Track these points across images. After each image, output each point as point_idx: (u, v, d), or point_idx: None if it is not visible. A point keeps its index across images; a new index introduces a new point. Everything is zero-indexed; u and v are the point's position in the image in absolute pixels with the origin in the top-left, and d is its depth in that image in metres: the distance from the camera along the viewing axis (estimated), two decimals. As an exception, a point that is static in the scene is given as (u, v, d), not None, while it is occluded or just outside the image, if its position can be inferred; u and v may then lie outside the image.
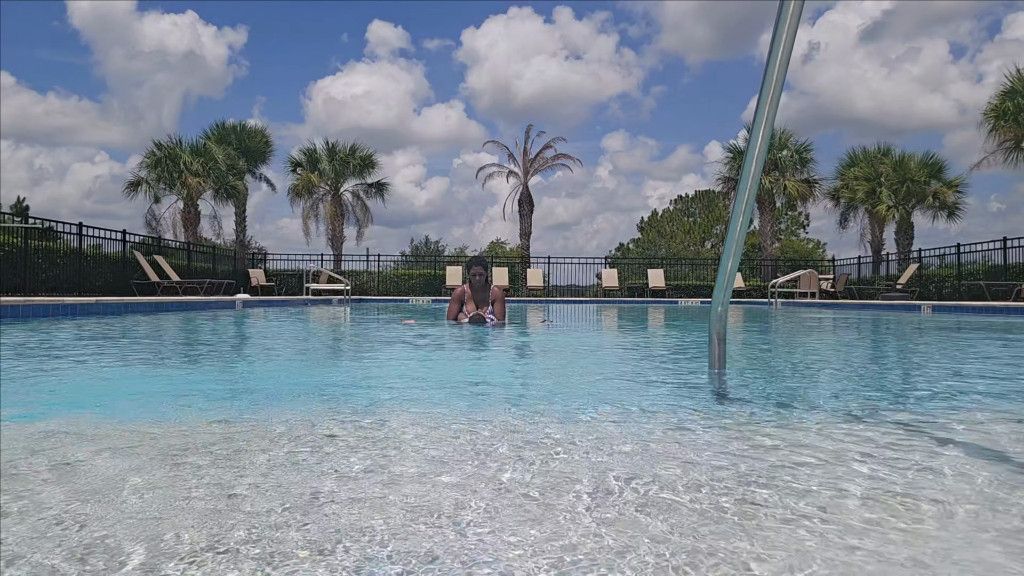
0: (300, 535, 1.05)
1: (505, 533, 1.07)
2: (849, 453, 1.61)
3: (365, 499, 1.23)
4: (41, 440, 1.68)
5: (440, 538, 1.05)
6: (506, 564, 0.96)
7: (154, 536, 1.04)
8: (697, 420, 2.02)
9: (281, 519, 1.12)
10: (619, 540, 1.05)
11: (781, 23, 2.48)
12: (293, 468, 1.44)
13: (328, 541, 1.03)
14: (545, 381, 3.14)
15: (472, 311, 6.94)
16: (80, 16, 52.50)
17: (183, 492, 1.26)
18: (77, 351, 4.19)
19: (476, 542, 1.03)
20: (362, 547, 1.01)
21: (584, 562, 0.97)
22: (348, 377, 3.18)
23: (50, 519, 1.11)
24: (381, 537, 1.04)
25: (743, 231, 2.77)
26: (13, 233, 13.48)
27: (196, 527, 1.08)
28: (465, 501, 1.22)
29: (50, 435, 1.74)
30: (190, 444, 1.64)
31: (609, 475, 1.40)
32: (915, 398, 2.59)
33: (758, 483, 1.35)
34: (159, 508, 1.17)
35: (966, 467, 1.50)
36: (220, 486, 1.30)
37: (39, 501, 1.20)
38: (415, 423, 1.93)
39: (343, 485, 1.31)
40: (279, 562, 0.95)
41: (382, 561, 0.96)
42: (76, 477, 1.36)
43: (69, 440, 1.69)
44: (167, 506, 1.18)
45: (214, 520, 1.11)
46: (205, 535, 1.04)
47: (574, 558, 0.98)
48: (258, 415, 2.10)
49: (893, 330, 7.36)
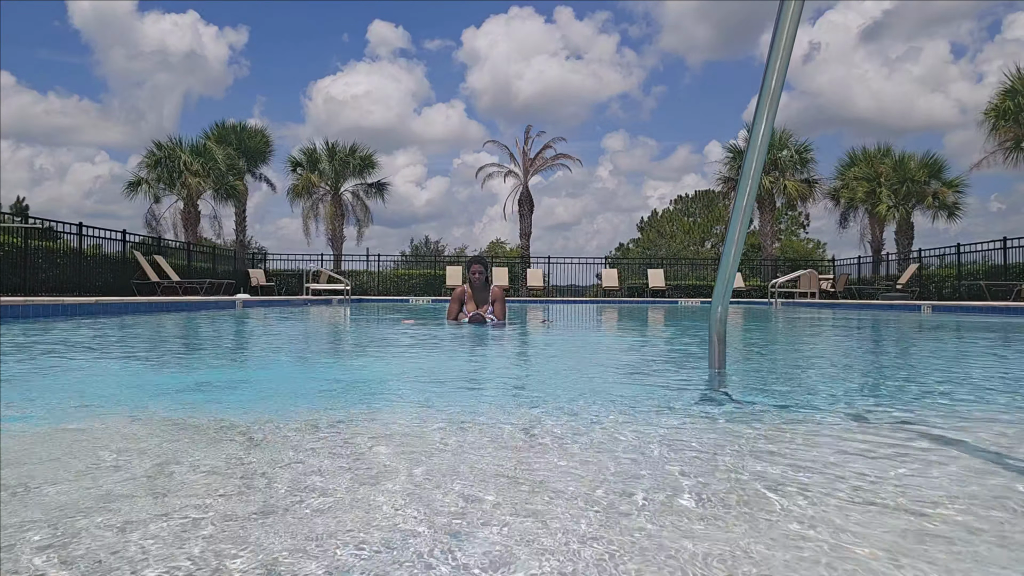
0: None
1: (504, 527, 1.07)
2: (849, 453, 1.61)
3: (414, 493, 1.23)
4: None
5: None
6: (502, 558, 0.96)
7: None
8: (697, 420, 2.01)
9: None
10: (619, 539, 1.05)
11: (781, 23, 2.48)
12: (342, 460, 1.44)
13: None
14: (545, 381, 3.13)
15: (472, 311, 6.94)
16: (81, 16, 52.58)
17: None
18: (101, 352, 4.19)
19: (477, 535, 1.03)
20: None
21: (585, 561, 0.97)
22: (362, 375, 3.18)
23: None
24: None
25: (743, 231, 2.77)
26: (13, 233, 13.48)
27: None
28: (473, 495, 1.22)
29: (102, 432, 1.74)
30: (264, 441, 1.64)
31: (609, 474, 1.40)
32: (914, 398, 2.59)
33: (758, 482, 1.35)
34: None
35: (973, 467, 1.50)
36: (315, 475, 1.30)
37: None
38: (440, 421, 1.94)
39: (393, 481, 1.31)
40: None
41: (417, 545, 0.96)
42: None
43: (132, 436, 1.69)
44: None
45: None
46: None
47: (575, 557, 0.98)
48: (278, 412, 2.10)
49: (893, 330, 7.36)
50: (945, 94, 53.87)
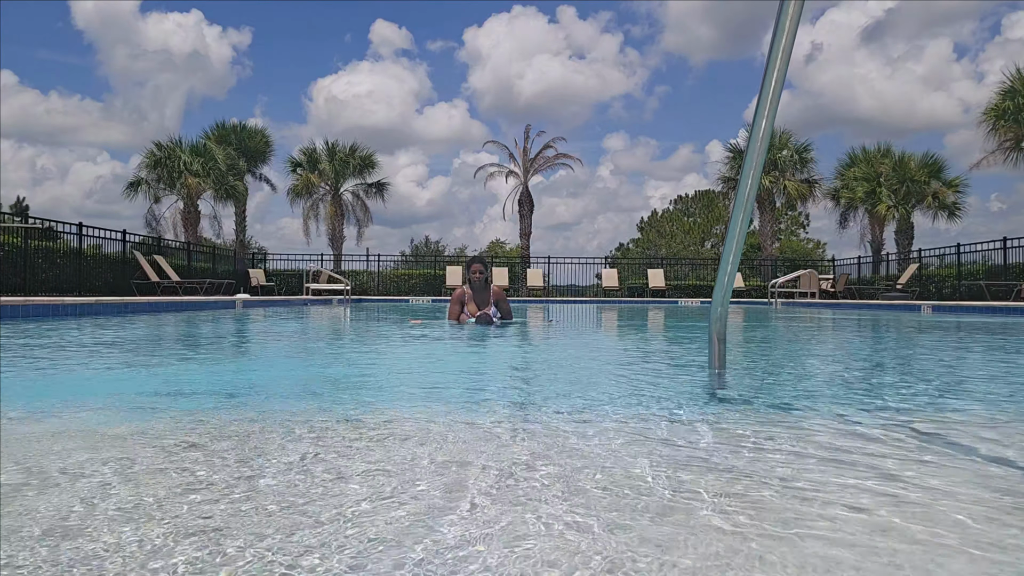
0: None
1: (503, 522, 1.07)
2: (849, 452, 1.61)
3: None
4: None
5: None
6: (498, 555, 0.96)
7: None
8: (697, 419, 2.01)
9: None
10: (620, 539, 1.05)
11: (781, 23, 2.48)
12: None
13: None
14: (544, 380, 3.14)
15: (473, 312, 6.94)
16: (83, 16, 52.68)
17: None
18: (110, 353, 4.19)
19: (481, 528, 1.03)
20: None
21: (584, 561, 0.96)
22: (404, 378, 3.18)
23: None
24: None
25: (743, 231, 2.77)
26: (13, 233, 13.48)
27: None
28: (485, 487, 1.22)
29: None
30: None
31: (609, 474, 1.40)
32: (913, 397, 2.59)
33: (758, 482, 1.35)
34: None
35: (973, 467, 1.50)
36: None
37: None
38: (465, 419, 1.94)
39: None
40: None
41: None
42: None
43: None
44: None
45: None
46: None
47: (575, 554, 0.98)
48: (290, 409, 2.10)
49: (893, 330, 7.36)
50: (947, 93, 53.94)
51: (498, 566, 0.95)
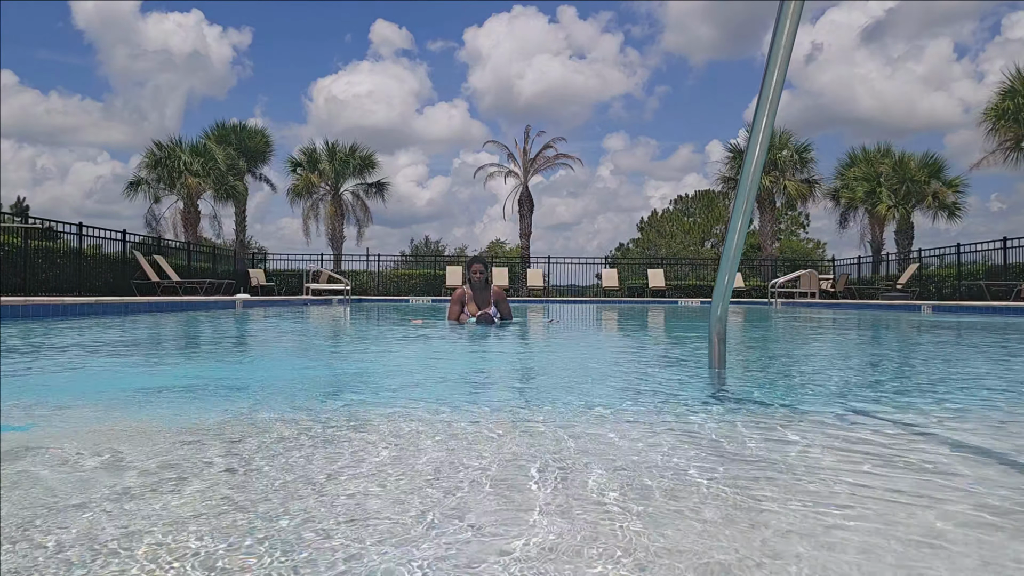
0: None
1: (501, 518, 1.07)
2: (849, 451, 1.62)
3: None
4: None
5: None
6: (496, 553, 0.96)
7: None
8: (698, 419, 2.02)
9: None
10: (619, 538, 1.05)
11: (781, 22, 2.48)
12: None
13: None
14: (544, 380, 3.14)
15: (474, 312, 6.94)
16: (84, 16, 52.69)
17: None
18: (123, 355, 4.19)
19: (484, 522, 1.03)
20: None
21: (586, 560, 0.97)
22: (412, 378, 3.19)
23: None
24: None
25: (743, 231, 2.77)
26: (13, 233, 13.48)
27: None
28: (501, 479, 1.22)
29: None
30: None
31: (609, 473, 1.40)
32: (913, 397, 2.60)
33: (758, 482, 1.35)
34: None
35: (974, 468, 1.50)
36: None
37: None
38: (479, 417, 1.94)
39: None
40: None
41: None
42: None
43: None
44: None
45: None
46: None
47: (574, 553, 0.98)
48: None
49: (893, 330, 7.36)
50: (947, 93, 53.94)
51: (511, 563, 0.95)
